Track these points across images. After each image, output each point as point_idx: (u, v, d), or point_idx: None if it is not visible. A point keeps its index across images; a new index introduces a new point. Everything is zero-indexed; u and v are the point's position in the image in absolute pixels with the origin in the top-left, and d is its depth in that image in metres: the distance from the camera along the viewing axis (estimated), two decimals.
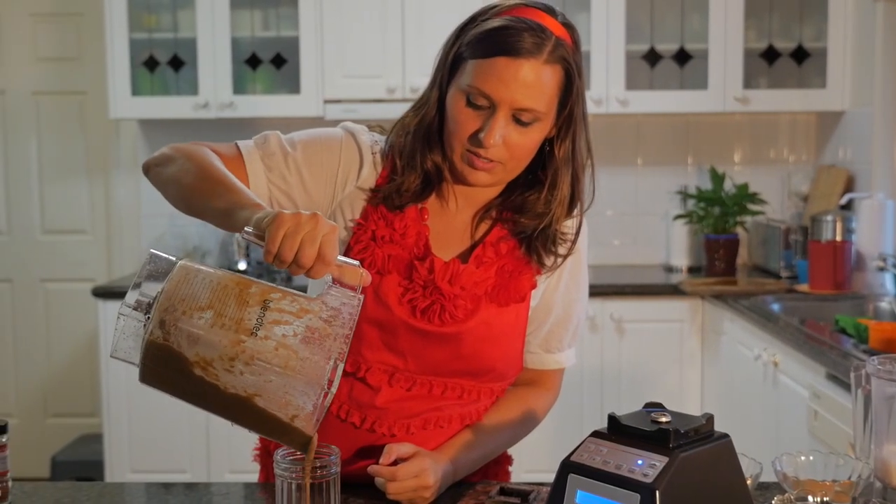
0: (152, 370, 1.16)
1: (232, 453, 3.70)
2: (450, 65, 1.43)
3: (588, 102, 4.31)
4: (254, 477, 1.70)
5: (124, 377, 3.69)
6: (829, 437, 2.48)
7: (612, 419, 1.19)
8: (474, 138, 1.40)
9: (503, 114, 1.38)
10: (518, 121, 1.39)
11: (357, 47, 3.85)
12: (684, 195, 4.14)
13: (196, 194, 1.34)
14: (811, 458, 1.37)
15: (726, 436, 1.18)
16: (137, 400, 3.70)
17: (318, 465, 1.26)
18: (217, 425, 3.70)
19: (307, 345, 1.15)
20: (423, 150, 1.46)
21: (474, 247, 1.51)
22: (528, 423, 1.61)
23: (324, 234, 1.15)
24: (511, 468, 1.70)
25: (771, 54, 3.91)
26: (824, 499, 1.27)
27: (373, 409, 1.50)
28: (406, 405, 1.51)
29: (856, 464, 1.34)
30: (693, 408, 3.63)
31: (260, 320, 1.15)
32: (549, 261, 1.51)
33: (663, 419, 1.16)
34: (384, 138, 1.53)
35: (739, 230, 4.00)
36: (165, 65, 3.94)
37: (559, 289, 1.56)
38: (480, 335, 1.48)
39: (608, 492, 1.12)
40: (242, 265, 3.97)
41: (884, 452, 1.30)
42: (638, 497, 1.09)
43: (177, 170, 1.38)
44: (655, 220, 4.24)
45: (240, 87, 3.91)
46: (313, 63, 3.84)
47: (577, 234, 1.53)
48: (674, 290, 3.67)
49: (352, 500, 1.45)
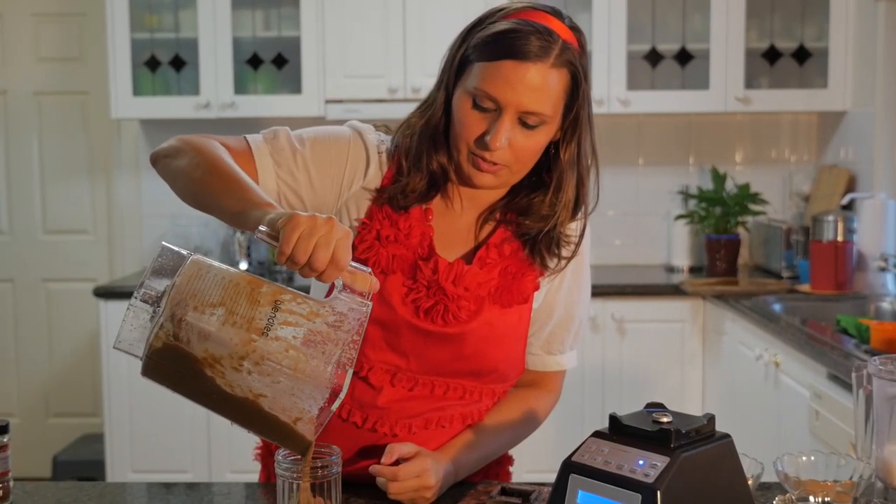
0: (157, 364, 1.15)
1: (233, 453, 3.70)
2: (456, 67, 1.43)
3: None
4: (255, 477, 1.71)
5: (126, 377, 3.69)
6: (831, 438, 2.48)
7: (614, 419, 1.19)
8: (480, 141, 1.40)
9: (509, 117, 1.38)
10: (524, 124, 1.39)
11: (358, 47, 3.85)
12: (685, 195, 4.13)
13: (206, 190, 1.33)
14: (812, 458, 1.37)
15: (727, 436, 1.18)
16: (139, 400, 3.70)
17: (319, 464, 1.26)
18: (218, 425, 3.70)
19: (316, 348, 1.15)
20: (428, 151, 1.46)
21: (478, 248, 1.51)
22: (530, 424, 1.61)
23: (338, 239, 1.15)
24: (512, 468, 1.70)
25: (772, 54, 3.91)
26: (825, 499, 1.27)
27: (375, 409, 1.51)
28: (408, 405, 1.51)
29: (857, 464, 1.34)
30: (694, 408, 3.63)
31: (271, 321, 1.14)
32: (552, 263, 1.51)
33: (664, 419, 1.16)
34: (390, 138, 1.53)
35: (741, 230, 4.00)
36: (167, 65, 3.94)
37: (561, 290, 1.56)
38: (483, 336, 1.49)
39: (609, 492, 1.12)
40: (244, 265, 3.97)
41: (885, 452, 1.30)
42: (639, 497, 1.09)
43: (186, 163, 1.37)
44: (657, 220, 4.24)
45: (241, 87, 3.91)
46: (315, 63, 3.84)
47: (581, 236, 1.54)
48: (675, 291, 3.67)
49: (353, 500, 1.45)
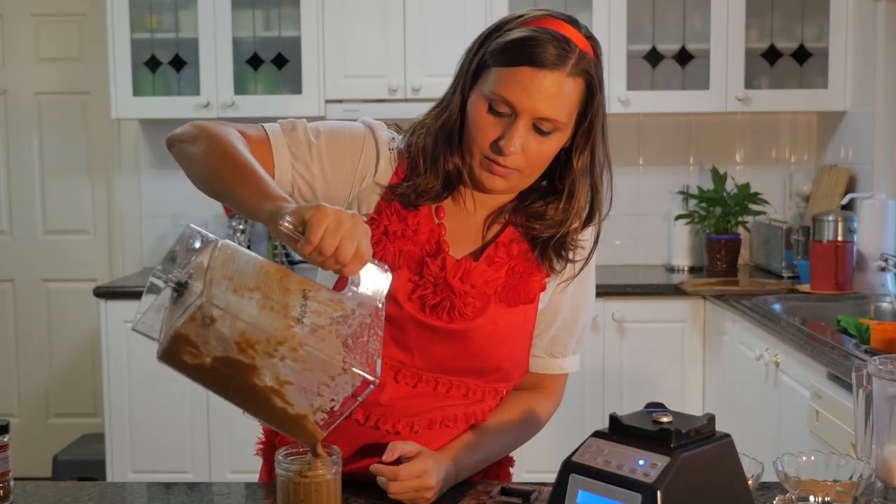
0: (181, 348, 1.13)
1: (233, 453, 3.70)
2: (473, 71, 1.44)
3: None
4: (255, 477, 1.70)
5: (126, 377, 3.70)
6: (831, 437, 2.48)
7: (614, 419, 1.19)
8: (494, 145, 1.41)
9: (524, 122, 1.39)
10: (538, 130, 1.40)
11: (358, 47, 3.85)
12: (686, 195, 4.14)
13: (220, 178, 1.34)
14: (812, 458, 1.37)
15: (727, 436, 1.18)
16: (139, 400, 3.71)
17: (319, 464, 1.26)
18: (218, 425, 3.70)
19: (344, 338, 1.15)
20: (444, 152, 1.47)
21: (486, 246, 1.52)
22: (531, 426, 1.62)
23: (362, 234, 1.18)
24: (512, 469, 1.70)
25: (772, 54, 3.91)
26: (825, 499, 1.27)
27: (377, 406, 1.51)
28: (411, 402, 1.51)
29: (857, 464, 1.34)
30: (694, 408, 3.63)
31: (303, 308, 1.15)
32: (559, 266, 1.52)
33: (665, 419, 1.16)
34: (400, 136, 1.54)
35: (741, 230, 4.00)
36: (167, 65, 3.94)
37: (567, 293, 1.56)
38: (488, 334, 1.49)
39: (609, 492, 1.12)
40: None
41: (885, 452, 1.30)
42: (639, 497, 1.09)
43: (202, 149, 1.38)
44: (657, 220, 4.24)
45: (241, 87, 3.91)
46: (315, 63, 3.85)
47: (595, 243, 1.55)
48: (675, 291, 3.67)
49: (353, 500, 1.45)
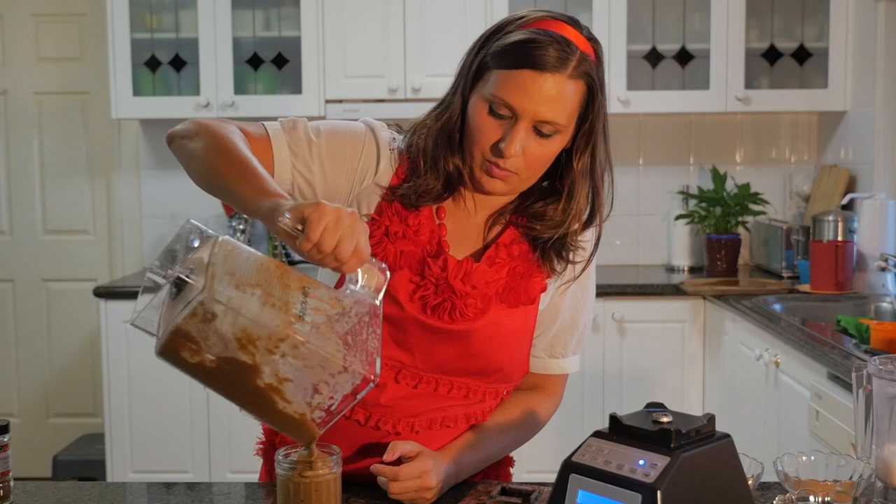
0: (181, 344, 1.12)
1: (233, 453, 3.70)
2: (473, 73, 1.44)
3: None
4: (255, 477, 1.70)
5: (126, 377, 3.70)
6: (831, 437, 2.48)
7: (614, 419, 1.19)
8: (495, 148, 1.41)
9: (524, 125, 1.39)
10: (538, 132, 1.40)
11: (358, 47, 3.85)
12: (686, 195, 4.14)
13: (219, 174, 1.34)
14: (812, 458, 1.37)
15: (727, 436, 1.18)
16: (139, 400, 3.71)
17: (320, 464, 1.26)
18: (218, 425, 3.70)
19: (346, 337, 1.15)
20: (445, 153, 1.47)
21: (487, 247, 1.52)
22: (532, 427, 1.62)
23: (361, 231, 1.18)
24: (512, 469, 1.70)
25: (772, 54, 3.91)
26: (825, 499, 1.27)
27: (378, 407, 1.51)
28: (411, 403, 1.51)
29: (857, 464, 1.34)
30: (694, 408, 3.63)
31: (304, 306, 1.15)
32: (559, 267, 1.52)
33: (665, 419, 1.16)
34: (401, 136, 1.54)
35: (741, 230, 4.00)
36: (167, 65, 3.94)
37: (567, 294, 1.56)
38: (488, 334, 1.49)
39: (609, 492, 1.12)
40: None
41: (885, 452, 1.30)
42: (639, 497, 1.09)
43: (202, 146, 1.37)
44: (657, 220, 4.24)
45: (241, 87, 3.91)
46: (315, 63, 3.85)
47: (596, 244, 1.55)
48: (675, 291, 3.67)
49: (353, 500, 1.45)
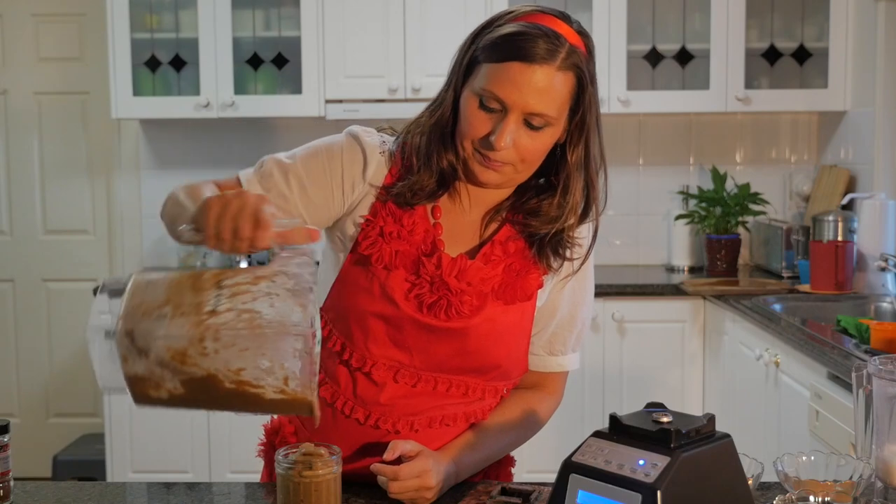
0: (139, 387, 1.16)
1: (233, 453, 3.70)
2: (465, 68, 1.45)
3: None
4: (255, 477, 1.70)
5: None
6: (831, 437, 2.48)
7: (614, 419, 1.19)
8: (485, 140, 1.41)
9: (514, 117, 1.39)
10: (529, 125, 1.40)
11: (358, 47, 3.85)
12: (686, 195, 4.14)
13: (170, 221, 1.38)
14: (812, 458, 1.37)
15: (728, 436, 1.18)
16: None
17: (320, 464, 1.26)
18: (218, 425, 3.70)
19: (271, 305, 1.15)
20: (438, 149, 1.47)
21: (483, 244, 1.52)
22: (532, 426, 1.62)
23: (254, 203, 1.19)
24: (513, 469, 1.70)
25: (772, 54, 3.91)
26: (825, 499, 1.27)
27: (377, 406, 1.51)
28: (411, 402, 1.51)
29: (857, 464, 1.34)
30: (694, 408, 3.63)
31: (218, 298, 1.16)
32: (556, 263, 1.52)
33: (665, 419, 1.16)
34: (393, 138, 1.54)
35: (741, 230, 4.00)
36: (167, 65, 3.94)
37: (565, 291, 1.56)
38: (485, 332, 1.49)
39: (609, 492, 1.12)
40: (244, 263, 3.96)
41: (885, 452, 1.30)
42: (639, 497, 1.09)
43: (166, 205, 1.42)
44: (657, 220, 4.24)
45: (241, 87, 3.91)
46: (315, 63, 3.84)
47: (593, 239, 1.55)
48: (675, 291, 3.67)
49: (353, 500, 1.45)
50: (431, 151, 1.47)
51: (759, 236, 4.03)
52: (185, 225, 1.20)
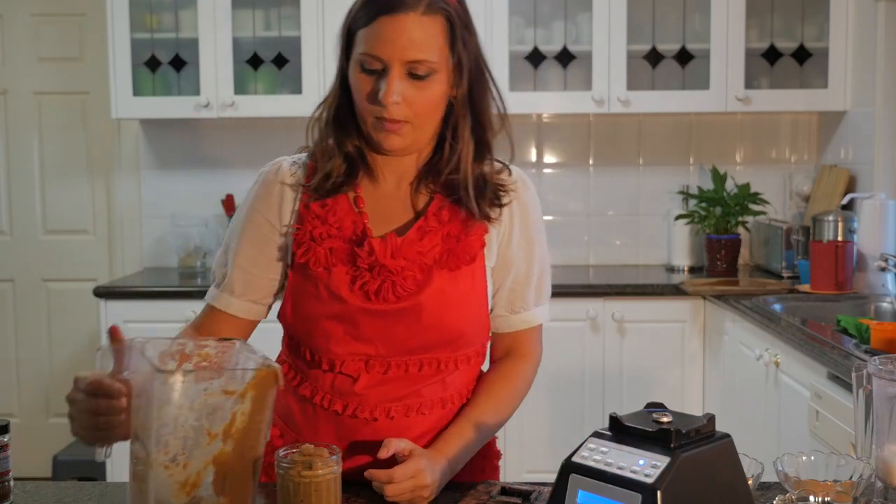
0: None
1: None
2: (344, 45, 1.50)
3: (590, 102, 4.24)
4: None
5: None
6: (831, 437, 2.48)
7: (614, 419, 1.19)
8: (375, 100, 1.45)
9: (396, 71, 1.43)
10: (413, 76, 1.44)
11: None
12: (686, 195, 4.13)
13: None
14: (812, 458, 1.37)
15: (728, 436, 1.18)
16: None
17: (320, 464, 1.26)
18: None
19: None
20: (337, 134, 1.52)
21: (417, 219, 1.54)
22: (516, 395, 1.63)
23: (77, 409, 1.29)
24: (500, 462, 1.70)
25: (772, 54, 3.91)
26: (825, 499, 1.27)
27: (353, 396, 1.53)
28: (386, 389, 1.53)
29: (857, 464, 1.34)
30: (694, 408, 3.63)
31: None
32: (494, 213, 1.54)
33: (665, 419, 1.16)
34: (305, 154, 1.59)
35: (741, 230, 4.00)
36: (167, 65, 3.94)
37: (512, 246, 1.58)
38: (438, 303, 1.50)
39: (609, 492, 1.12)
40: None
41: (885, 452, 1.30)
42: (639, 497, 1.09)
43: None
44: (657, 220, 4.24)
45: (241, 87, 3.91)
46: (315, 63, 3.84)
47: (525, 187, 1.57)
48: (675, 291, 3.67)
49: (353, 500, 1.45)
50: (332, 138, 1.52)
51: (759, 236, 4.03)
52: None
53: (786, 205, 4.18)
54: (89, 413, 1.26)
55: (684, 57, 3.92)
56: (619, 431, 1.18)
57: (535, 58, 3.91)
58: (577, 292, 3.63)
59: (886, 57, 3.52)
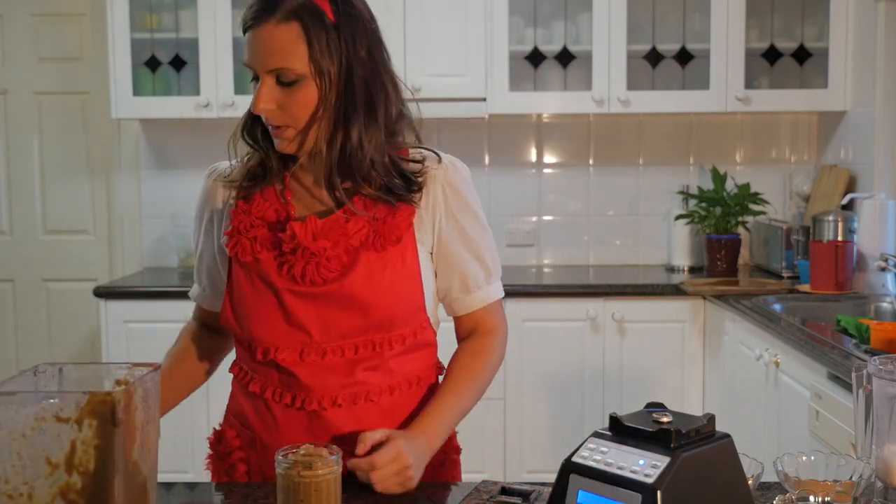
0: None
1: None
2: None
3: (590, 102, 4.23)
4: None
5: None
6: (831, 437, 2.48)
7: (614, 419, 1.19)
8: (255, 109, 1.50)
9: (265, 80, 1.48)
10: (281, 83, 1.48)
11: None
12: (686, 195, 4.14)
13: None
14: (812, 458, 1.37)
15: (727, 436, 1.18)
16: None
17: (319, 464, 1.26)
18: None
19: None
20: (249, 134, 1.58)
21: (341, 206, 1.55)
22: (486, 369, 1.65)
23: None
24: (459, 456, 1.71)
25: (772, 54, 3.91)
26: (825, 499, 1.27)
27: (299, 389, 1.55)
28: (326, 377, 1.54)
29: (857, 464, 1.34)
30: (694, 408, 3.63)
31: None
32: (416, 196, 1.55)
33: (665, 419, 1.16)
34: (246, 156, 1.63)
35: (741, 230, 4.00)
36: (167, 65, 3.94)
37: (445, 230, 1.59)
38: (367, 285, 1.52)
39: (609, 492, 1.12)
40: None
41: (885, 452, 1.31)
42: (639, 497, 1.09)
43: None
44: (657, 220, 4.24)
45: (241, 87, 3.90)
46: None
47: (442, 165, 1.58)
48: (675, 291, 3.67)
49: (353, 500, 1.45)
50: (244, 138, 1.58)
51: (759, 236, 4.03)
52: None
53: (786, 205, 4.19)
54: None
55: (684, 57, 3.92)
56: (619, 431, 1.18)
57: (535, 58, 3.91)
58: (577, 292, 3.63)
59: (886, 57, 3.52)
